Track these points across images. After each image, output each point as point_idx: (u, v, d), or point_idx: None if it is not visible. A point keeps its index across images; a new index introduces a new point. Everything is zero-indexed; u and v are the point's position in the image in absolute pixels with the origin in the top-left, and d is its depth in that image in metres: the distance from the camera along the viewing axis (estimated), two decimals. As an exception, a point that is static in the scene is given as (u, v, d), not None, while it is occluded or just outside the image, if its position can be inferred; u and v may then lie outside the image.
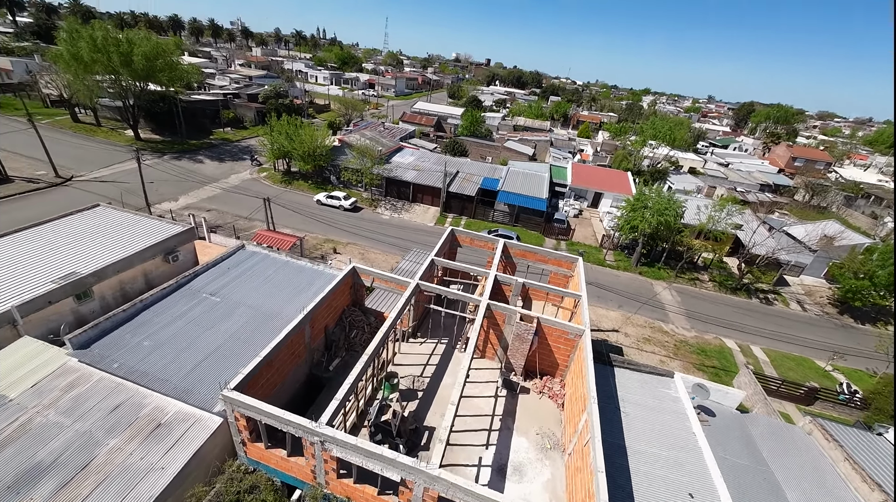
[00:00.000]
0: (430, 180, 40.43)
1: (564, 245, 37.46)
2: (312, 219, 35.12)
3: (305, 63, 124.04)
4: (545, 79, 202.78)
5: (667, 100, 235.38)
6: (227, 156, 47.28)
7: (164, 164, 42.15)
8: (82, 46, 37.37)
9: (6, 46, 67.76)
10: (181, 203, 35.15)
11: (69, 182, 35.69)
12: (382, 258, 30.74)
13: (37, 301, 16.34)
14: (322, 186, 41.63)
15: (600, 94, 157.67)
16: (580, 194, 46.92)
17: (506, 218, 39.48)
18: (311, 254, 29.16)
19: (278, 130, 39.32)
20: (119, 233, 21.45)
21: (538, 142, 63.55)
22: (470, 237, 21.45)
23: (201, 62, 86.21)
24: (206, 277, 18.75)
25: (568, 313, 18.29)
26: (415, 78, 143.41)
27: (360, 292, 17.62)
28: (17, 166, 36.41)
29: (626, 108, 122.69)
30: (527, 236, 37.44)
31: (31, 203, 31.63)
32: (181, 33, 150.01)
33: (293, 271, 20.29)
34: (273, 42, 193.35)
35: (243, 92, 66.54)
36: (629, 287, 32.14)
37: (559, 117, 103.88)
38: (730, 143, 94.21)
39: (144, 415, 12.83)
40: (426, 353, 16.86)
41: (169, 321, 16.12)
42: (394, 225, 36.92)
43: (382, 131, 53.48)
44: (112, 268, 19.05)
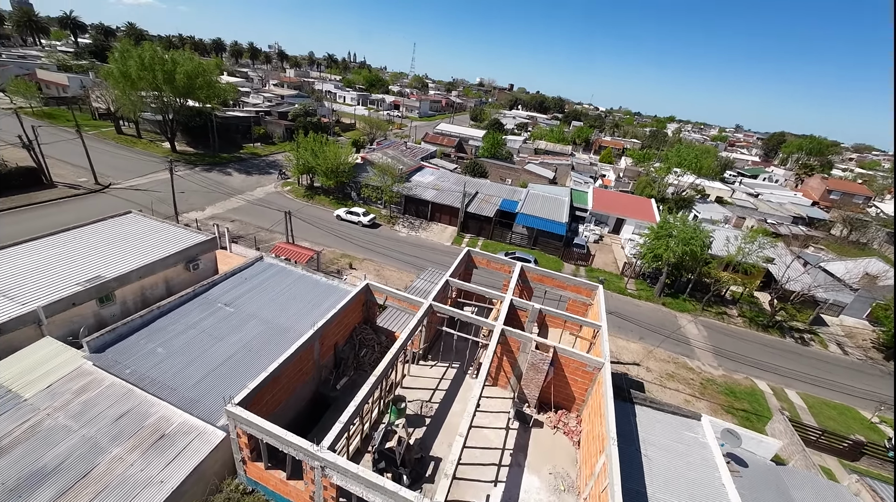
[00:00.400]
0: (449, 200, 40.56)
1: (584, 271, 36.47)
2: (331, 233, 35.56)
3: (335, 84, 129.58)
4: (567, 104, 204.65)
5: (692, 128, 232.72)
6: (255, 170, 49.02)
7: (195, 176, 44.00)
8: (131, 65, 40.11)
9: (66, 64, 73.69)
10: (207, 213, 36.32)
11: (107, 189, 37.57)
12: (397, 275, 30.59)
13: (62, 302, 16.82)
14: (342, 202, 42.37)
15: (623, 121, 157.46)
16: (601, 219, 46.02)
17: (524, 240, 38.95)
18: (327, 269, 29.31)
19: (304, 147, 40.58)
20: (145, 240, 22.14)
21: (559, 165, 63.34)
22: (486, 259, 21.07)
23: (238, 81, 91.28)
24: (222, 287, 18.95)
25: (586, 344, 17.45)
26: (439, 100, 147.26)
27: (372, 310, 17.36)
28: (62, 172, 38.70)
29: (650, 134, 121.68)
30: (545, 260, 36.71)
31: (70, 208, 33.34)
32: (223, 55, 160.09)
33: (308, 285, 20.31)
34: (306, 64, 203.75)
35: (274, 109, 69.66)
36: (651, 318, 30.74)
37: (581, 142, 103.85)
38: (759, 174, 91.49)
39: (149, 425, 12.70)
40: (436, 377, 16.29)
41: (183, 329, 16.22)
42: (410, 243, 36.95)
43: (404, 150, 54.53)
44: (135, 273, 19.55)
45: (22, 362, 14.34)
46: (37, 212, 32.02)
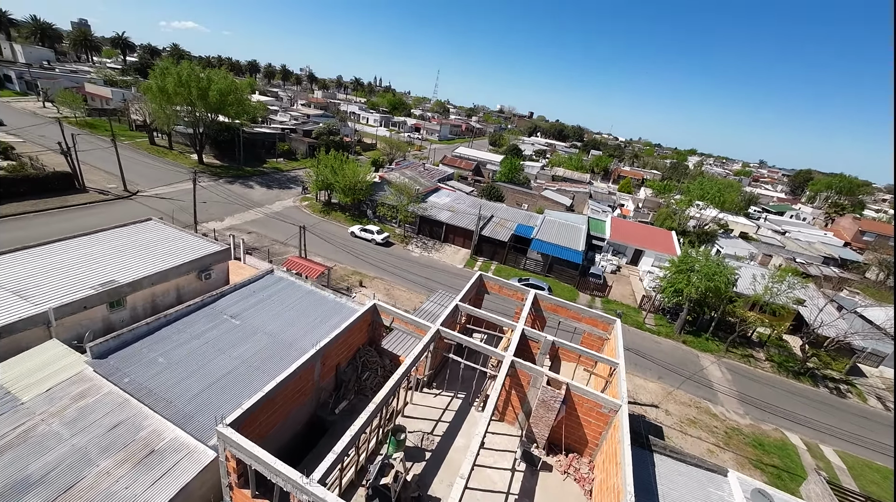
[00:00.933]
0: (464, 222, 40.35)
1: (600, 302, 35.21)
2: (344, 250, 35.60)
3: (359, 106, 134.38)
4: (587, 133, 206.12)
5: (714, 161, 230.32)
6: (276, 184, 50.23)
7: (219, 187, 45.30)
8: (169, 81, 42.37)
9: (112, 79, 78.78)
10: (226, 223, 37.03)
11: (134, 196, 38.93)
12: (406, 296, 30.10)
13: (73, 305, 16.92)
14: (358, 219, 42.69)
15: (643, 151, 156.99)
16: (619, 249, 44.87)
17: (538, 267, 38.12)
18: (337, 285, 29.10)
19: (324, 163, 41.45)
20: (161, 247, 22.44)
21: (577, 193, 62.86)
22: (499, 285, 20.42)
23: (268, 100, 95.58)
24: (230, 299, 18.82)
25: (601, 381, 16.37)
26: (459, 125, 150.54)
27: (377, 331, 16.82)
28: (95, 178, 40.42)
29: (671, 166, 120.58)
30: (559, 288, 35.68)
31: (98, 212, 34.52)
32: (257, 75, 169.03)
33: (315, 301, 20.01)
34: (334, 87, 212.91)
35: (299, 127, 72.19)
36: (671, 357, 29.12)
37: (599, 171, 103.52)
38: (785, 210, 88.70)
39: (140, 439, 12.27)
40: (440, 407, 15.44)
41: (187, 339, 16.00)
42: (422, 263, 36.61)
43: (422, 171, 55.18)
44: (148, 279, 19.68)
45: (25, 363, 14.27)
46: (67, 214, 33.24)
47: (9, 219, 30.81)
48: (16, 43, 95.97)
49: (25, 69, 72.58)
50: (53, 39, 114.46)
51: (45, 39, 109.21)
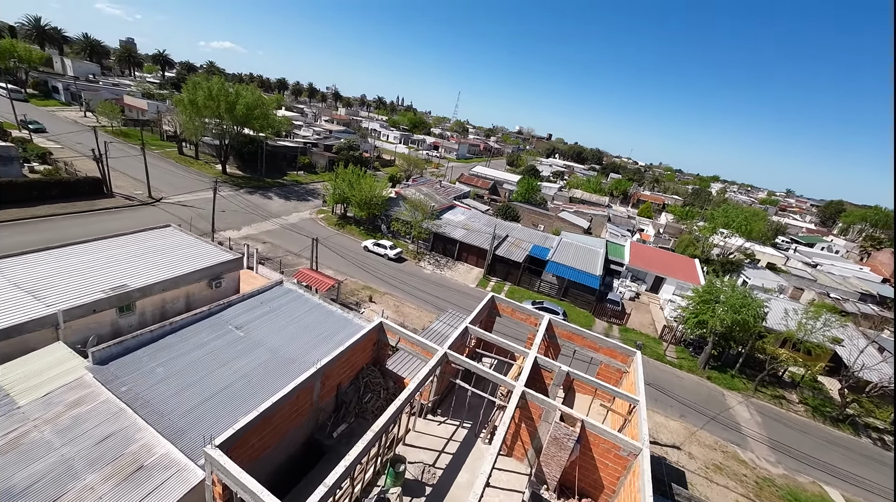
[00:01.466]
0: (478, 240, 39.76)
1: (617, 330, 33.64)
2: (356, 263, 35.38)
3: (381, 123, 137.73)
4: (606, 156, 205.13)
5: (738, 189, 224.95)
6: (294, 196, 51.06)
7: (239, 197, 46.27)
8: (199, 94, 44.14)
9: (150, 92, 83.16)
10: (243, 233, 37.48)
11: (157, 202, 40.02)
12: (416, 314, 29.39)
13: (83, 308, 16.92)
14: (372, 233, 42.67)
15: (664, 176, 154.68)
16: (638, 276, 43.28)
17: (553, 290, 36.94)
18: (346, 300, 28.69)
19: (342, 177, 41.90)
20: (176, 254, 22.57)
21: (595, 216, 61.70)
22: (511, 307, 19.56)
23: (293, 116, 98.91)
24: (237, 309, 18.54)
25: (619, 419, 15.13)
26: (477, 144, 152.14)
27: (382, 351, 16.15)
28: (122, 184, 41.87)
29: (693, 192, 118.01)
30: (574, 313, 34.35)
31: (122, 216, 35.50)
32: (285, 92, 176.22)
33: (322, 315, 19.54)
34: (357, 104, 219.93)
35: (321, 142, 74.01)
36: (695, 393, 27.24)
37: (618, 194, 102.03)
38: (816, 242, 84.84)
39: (130, 453, 11.77)
40: (444, 437, 14.49)
41: (189, 349, 15.67)
42: (434, 281, 35.98)
43: (438, 188, 55.28)
44: (159, 285, 19.67)
45: (28, 365, 14.14)
46: (94, 217, 34.27)
47: (40, 219, 31.91)
48: (67, 58, 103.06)
49: (71, 81, 77.38)
50: (101, 55, 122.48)
51: (94, 55, 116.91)
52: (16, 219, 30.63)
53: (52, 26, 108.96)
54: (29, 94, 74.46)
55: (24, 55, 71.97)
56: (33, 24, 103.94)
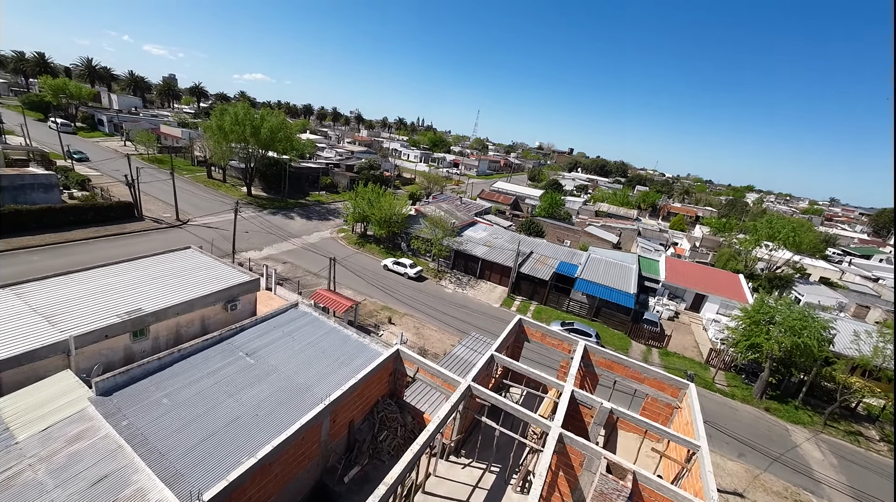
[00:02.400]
0: (501, 258, 38.11)
1: (657, 354, 30.77)
2: (375, 283, 34.43)
3: (401, 143, 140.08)
4: (630, 169, 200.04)
5: (776, 198, 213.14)
6: (315, 216, 51.33)
7: (262, 218, 46.86)
8: (226, 119, 45.61)
9: (185, 122, 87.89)
10: (264, 253, 37.47)
11: (184, 225, 40.88)
12: (437, 336, 27.82)
13: (95, 333, 16.46)
14: (392, 252, 41.84)
15: (694, 188, 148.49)
16: (676, 293, 40.14)
17: (583, 310, 34.54)
18: (364, 322, 27.55)
19: (361, 196, 41.64)
20: (193, 276, 22.22)
21: (624, 230, 58.82)
22: (541, 332, 17.75)
23: (317, 138, 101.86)
24: (249, 334, 17.67)
25: (673, 467, 12.89)
26: (497, 161, 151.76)
27: (400, 381, 14.70)
28: (153, 208, 43.21)
29: (727, 203, 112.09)
30: (608, 335, 31.80)
31: (149, 238, 36.25)
32: (310, 117, 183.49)
33: (338, 340, 18.37)
34: (379, 126, 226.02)
35: (343, 162, 75.25)
36: (752, 428, 24.03)
37: (646, 207, 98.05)
38: (872, 254, 77.66)
39: (123, 498, 10.69)
40: (469, 483, 12.71)
41: (197, 378, 14.76)
42: (456, 301, 34.43)
43: (459, 205, 54.32)
44: (173, 309, 19.15)
45: (33, 396, 13.55)
46: (123, 240, 35.13)
47: (74, 243, 32.91)
48: (113, 93, 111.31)
49: (114, 114, 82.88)
50: (144, 90, 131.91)
51: (137, 90, 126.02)
52: (50, 244, 31.66)
53: (101, 66, 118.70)
54: (77, 127, 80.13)
55: (74, 92, 77.86)
56: (86, 64, 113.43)
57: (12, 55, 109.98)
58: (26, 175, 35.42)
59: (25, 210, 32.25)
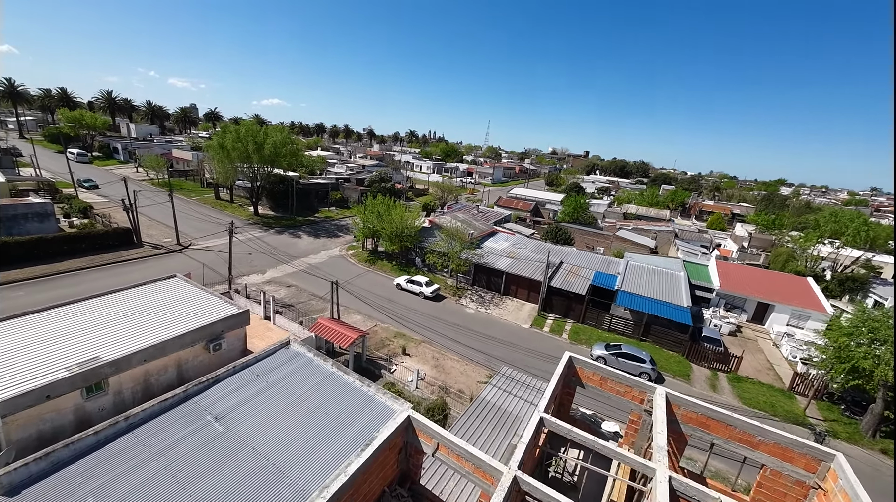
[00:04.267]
0: (528, 270, 33.74)
1: (725, 380, 25.57)
2: (388, 305, 30.66)
3: (413, 155, 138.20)
4: (651, 169, 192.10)
5: (810, 191, 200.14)
6: (324, 233, 48.36)
7: (268, 237, 44.15)
8: (228, 138, 43.54)
9: (197, 145, 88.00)
10: (267, 276, 34.38)
11: (185, 249, 38.42)
12: (460, 368, 23.59)
13: (31, 395, 13.10)
14: (405, 269, 38.11)
15: (724, 184, 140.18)
16: (733, 303, 34.67)
17: (628, 328, 29.66)
18: (374, 354, 23.65)
19: (370, 209, 38.37)
20: (172, 311, 18.93)
21: (659, 232, 53.41)
22: (600, 375, 13.35)
23: (328, 155, 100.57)
24: (224, 387, 13.97)
25: None
26: (512, 167, 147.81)
27: (414, 459, 10.61)
28: (154, 233, 41.10)
29: (763, 198, 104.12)
30: (662, 358, 26.82)
31: (145, 265, 33.74)
32: (323, 135, 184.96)
33: (336, 391, 14.47)
34: (391, 141, 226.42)
35: (353, 176, 72.84)
36: (868, 477, 18.58)
37: (675, 207, 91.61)
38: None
39: None
40: None
41: (144, 460, 11.03)
42: (479, 322, 30.18)
43: (476, 214, 50.42)
44: (138, 355, 15.74)
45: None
46: (117, 269, 32.70)
47: (65, 275, 30.60)
48: (132, 123, 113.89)
49: (128, 141, 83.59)
50: (162, 118, 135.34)
51: (156, 118, 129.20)
52: (39, 277, 29.36)
53: (122, 98, 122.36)
54: (94, 156, 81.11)
55: (90, 122, 78.92)
56: (105, 97, 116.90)
57: (39, 93, 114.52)
58: (19, 205, 33.68)
59: (14, 241, 30.19)
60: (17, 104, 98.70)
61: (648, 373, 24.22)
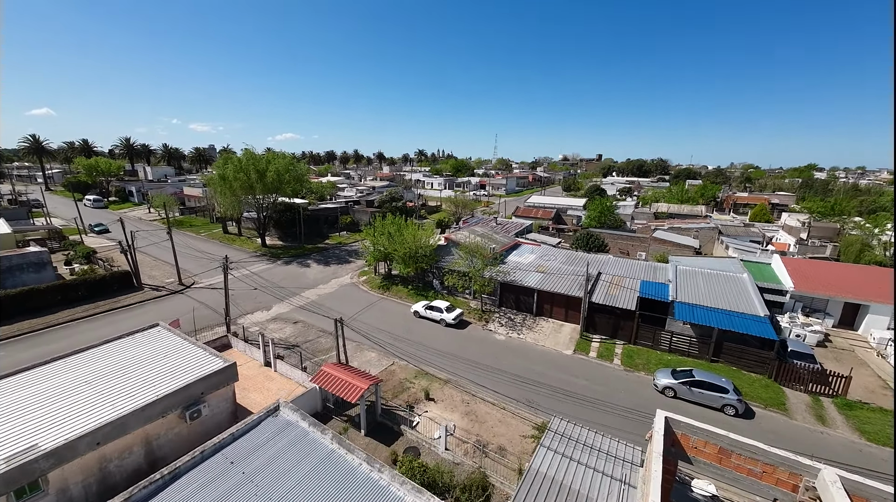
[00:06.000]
0: (563, 286, 29.38)
1: (833, 407, 20.23)
2: (405, 337, 26.81)
3: (424, 173, 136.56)
4: (670, 166, 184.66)
5: (845, 173, 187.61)
6: (334, 260, 45.34)
7: (275, 269, 41.40)
8: (229, 168, 41.64)
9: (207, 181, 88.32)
10: (273, 313, 31.21)
11: (187, 289, 35.91)
12: (497, 416, 19.26)
13: (-69, 513, 9.83)
14: (423, 293, 34.33)
15: (754, 173, 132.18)
16: (812, 306, 29.19)
17: (693, 347, 24.67)
18: (391, 403, 19.66)
19: (380, 230, 35.14)
20: (143, 372, 15.61)
21: (699, 230, 48.09)
22: (719, 447, 8.95)
23: (338, 180, 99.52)
24: (183, 485, 10.29)
25: None
26: (525, 177, 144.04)
27: None
28: (157, 273, 38.94)
29: (803, 184, 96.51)
30: (742, 382, 21.73)
31: (144, 310, 31.18)
32: (334, 162, 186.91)
33: (335, 482, 10.55)
34: (401, 162, 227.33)
35: (363, 198, 70.56)
36: None
37: (705, 202, 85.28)
38: None
39: None
40: None
41: None
42: (512, 351, 25.86)
43: (495, 227, 46.55)
44: (88, 439, 12.30)
45: None
46: (112, 317, 30.19)
47: (56, 327, 28.21)
48: (149, 166, 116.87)
49: (141, 184, 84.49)
50: (178, 159, 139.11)
51: (172, 160, 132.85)
52: (26, 332, 26.97)
53: (140, 143, 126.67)
54: (110, 200, 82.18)
55: (104, 168, 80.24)
56: (124, 143, 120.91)
57: (62, 146, 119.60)
58: (14, 255, 31.98)
59: (3, 295, 28.12)
60: (41, 159, 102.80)
61: (734, 406, 19.28)
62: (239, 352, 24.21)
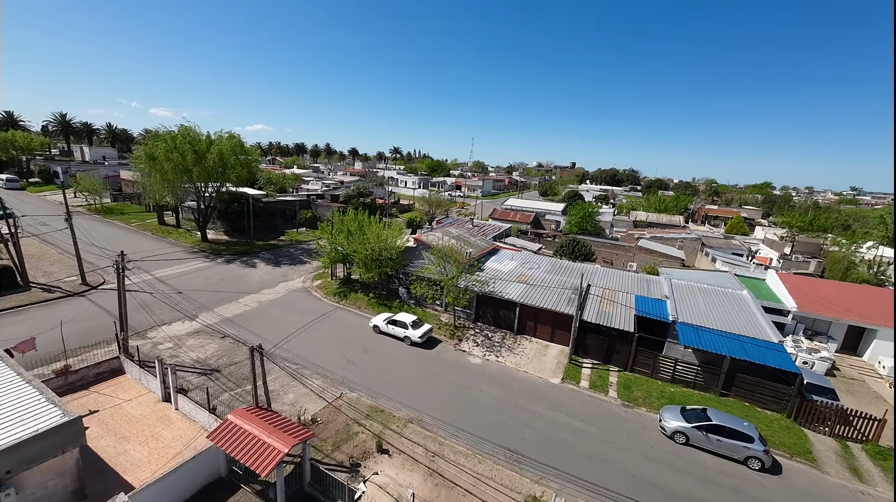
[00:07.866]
0: (549, 300, 25.36)
1: (863, 454, 17.18)
2: (359, 361, 21.82)
3: (398, 171, 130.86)
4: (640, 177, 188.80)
5: (795, 192, 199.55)
6: (286, 260, 39.40)
7: (212, 268, 35.03)
8: (159, 147, 34.95)
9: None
10: (196, 324, 25.11)
11: (92, 290, 29.05)
12: (471, 479, 14.65)
13: None
14: (386, 302, 29.36)
15: (719, 188, 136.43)
16: (814, 328, 26.81)
17: (699, 377, 21.21)
18: (331, 457, 14.62)
19: (338, 227, 29.94)
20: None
21: (682, 240, 46.04)
22: None
23: (304, 173, 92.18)
24: None
25: None
26: (501, 180, 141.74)
27: None
28: (56, 269, 31.68)
29: (765, 200, 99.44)
30: (758, 421, 18.36)
31: (18, 319, 24.22)
32: (304, 155, 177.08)
33: None
34: (374, 158, 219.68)
35: (328, 192, 64.44)
36: None
37: (679, 212, 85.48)
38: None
39: None
40: None
41: None
42: (491, 378, 21.43)
43: (471, 229, 42.27)
44: None
45: None
46: (-23, 327, 23.08)
47: None
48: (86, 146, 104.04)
49: (69, 165, 73.84)
50: (126, 142, 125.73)
51: (117, 141, 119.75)
52: None
53: (79, 121, 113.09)
54: (31, 181, 71.15)
55: (23, 144, 69.26)
56: (59, 120, 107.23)
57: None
58: None
59: None
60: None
61: (760, 459, 15.75)
62: (133, 379, 18.32)
